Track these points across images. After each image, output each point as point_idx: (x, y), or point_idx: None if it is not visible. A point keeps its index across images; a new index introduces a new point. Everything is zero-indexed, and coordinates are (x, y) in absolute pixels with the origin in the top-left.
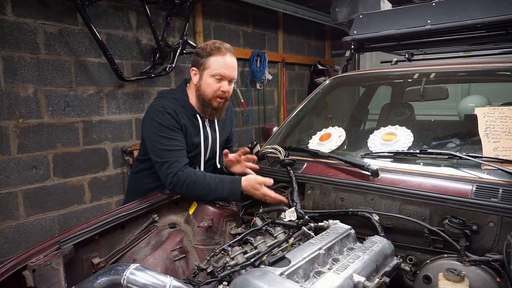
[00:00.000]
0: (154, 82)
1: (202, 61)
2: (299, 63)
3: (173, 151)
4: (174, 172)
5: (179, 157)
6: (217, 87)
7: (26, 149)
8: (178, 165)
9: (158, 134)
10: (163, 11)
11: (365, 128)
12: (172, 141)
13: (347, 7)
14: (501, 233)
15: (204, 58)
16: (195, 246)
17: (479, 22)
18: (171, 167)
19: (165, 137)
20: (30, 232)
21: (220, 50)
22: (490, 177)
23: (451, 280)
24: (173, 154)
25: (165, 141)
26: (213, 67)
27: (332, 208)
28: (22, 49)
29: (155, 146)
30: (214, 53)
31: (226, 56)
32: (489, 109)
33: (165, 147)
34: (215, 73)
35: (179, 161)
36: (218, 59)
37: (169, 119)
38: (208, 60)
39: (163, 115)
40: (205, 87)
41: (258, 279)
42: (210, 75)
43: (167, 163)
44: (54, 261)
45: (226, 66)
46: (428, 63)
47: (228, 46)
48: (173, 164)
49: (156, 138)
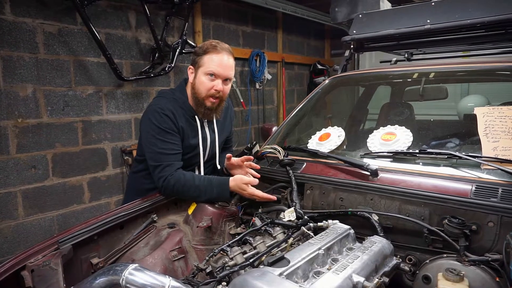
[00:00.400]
0: (153, 81)
1: (198, 59)
2: (298, 63)
3: (168, 155)
4: (165, 176)
5: (173, 161)
6: (210, 86)
7: (25, 149)
8: (170, 169)
9: (155, 136)
10: (163, 10)
11: (364, 128)
12: (167, 144)
13: (347, 6)
14: (500, 233)
15: (200, 56)
16: (194, 246)
17: (478, 21)
18: (163, 171)
19: (161, 140)
20: (29, 232)
21: (215, 48)
22: (490, 177)
23: (450, 280)
24: (167, 158)
25: (161, 144)
26: (206, 65)
27: (332, 208)
28: (21, 48)
29: (150, 148)
30: (209, 51)
31: (221, 54)
32: (488, 109)
33: (160, 150)
34: (208, 70)
35: (171, 165)
36: (213, 57)
37: (167, 121)
38: (203, 58)
39: (160, 117)
40: (198, 85)
41: (257, 279)
42: (203, 73)
43: (160, 167)
44: (52, 261)
45: (220, 65)
46: (428, 62)
47: (226, 46)
48: (165, 168)
49: (152, 140)
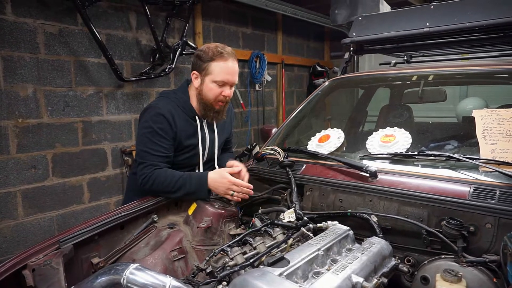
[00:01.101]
0: (154, 82)
1: (204, 66)
2: (298, 65)
3: (153, 155)
4: (145, 173)
5: (158, 162)
6: (219, 92)
7: (25, 149)
8: (151, 168)
9: (145, 135)
10: (163, 12)
11: (363, 129)
12: (155, 145)
13: (347, 9)
14: (498, 234)
15: (206, 62)
16: (194, 246)
17: (477, 24)
18: (145, 169)
19: (150, 140)
20: (28, 232)
21: (222, 55)
22: (488, 179)
23: (448, 281)
24: (153, 158)
25: (149, 144)
26: (215, 73)
27: (331, 209)
28: (21, 49)
29: (139, 145)
30: (216, 58)
31: (228, 61)
32: (486, 111)
33: (147, 150)
34: (217, 79)
35: (155, 165)
36: (221, 64)
37: (162, 122)
38: (210, 66)
39: (157, 118)
40: (207, 91)
41: (257, 279)
42: (212, 81)
43: (143, 164)
44: (54, 261)
45: (228, 72)
46: (427, 65)
47: (230, 50)
48: (148, 166)
49: (143, 138)
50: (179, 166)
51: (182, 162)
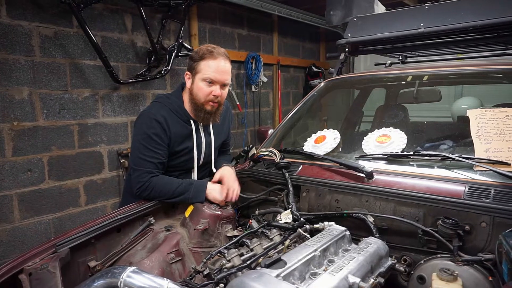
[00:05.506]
0: (150, 84)
1: (195, 65)
2: (294, 66)
3: (148, 162)
4: (142, 181)
5: (152, 169)
6: (209, 91)
7: (21, 152)
8: (147, 175)
9: (140, 141)
10: (159, 13)
11: (359, 130)
12: (150, 152)
13: (341, 10)
14: (493, 233)
15: (196, 62)
16: (191, 248)
17: (471, 25)
18: (140, 176)
19: (144, 146)
20: (25, 236)
21: (212, 54)
22: (482, 178)
23: (444, 280)
24: (148, 165)
25: (145, 151)
26: (204, 71)
27: (327, 210)
28: (16, 51)
29: (134, 152)
30: (205, 57)
31: (218, 60)
32: (481, 111)
33: (142, 156)
34: (205, 77)
35: (150, 172)
36: (210, 63)
37: (156, 127)
38: (200, 64)
39: (151, 123)
40: (196, 91)
41: (255, 281)
42: (201, 79)
43: (138, 171)
44: (50, 265)
45: (217, 70)
46: (422, 65)
47: (222, 50)
48: (143, 174)
49: (137, 145)
50: (173, 169)
51: (177, 166)
